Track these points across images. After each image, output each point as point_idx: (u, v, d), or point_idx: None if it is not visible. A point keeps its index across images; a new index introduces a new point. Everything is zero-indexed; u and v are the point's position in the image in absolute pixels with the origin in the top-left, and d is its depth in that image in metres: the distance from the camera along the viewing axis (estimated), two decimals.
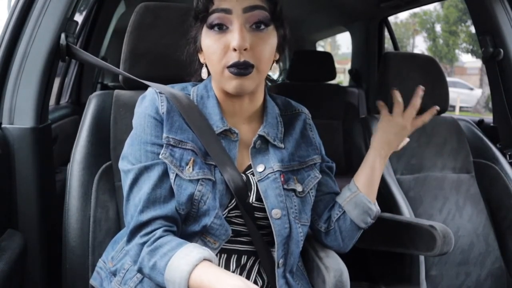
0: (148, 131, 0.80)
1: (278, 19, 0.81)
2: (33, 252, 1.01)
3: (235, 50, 0.75)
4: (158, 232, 0.75)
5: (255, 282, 0.85)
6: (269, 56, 0.80)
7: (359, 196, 0.91)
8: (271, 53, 0.80)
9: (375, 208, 0.92)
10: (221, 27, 0.77)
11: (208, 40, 0.78)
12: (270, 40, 0.79)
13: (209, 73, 0.86)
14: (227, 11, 0.76)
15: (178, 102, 0.81)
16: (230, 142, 0.83)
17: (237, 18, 0.76)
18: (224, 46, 0.76)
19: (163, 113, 0.81)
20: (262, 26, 0.78)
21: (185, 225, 0.80)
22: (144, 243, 0.75)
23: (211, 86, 0.86)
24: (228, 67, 0.76)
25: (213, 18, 0.77)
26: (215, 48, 0.77)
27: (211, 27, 0.77)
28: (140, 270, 0.76)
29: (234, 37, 0.75)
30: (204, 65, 0.85)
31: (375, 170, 0.93)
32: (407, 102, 1.51)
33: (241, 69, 0.76)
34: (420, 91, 0.98)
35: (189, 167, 0.78)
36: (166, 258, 0.71)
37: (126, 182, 0.80)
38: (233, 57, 0.75)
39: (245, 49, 0.75)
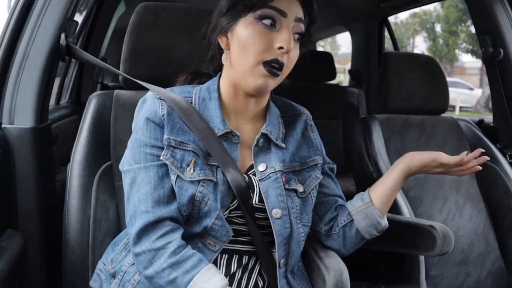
0: (147, 134, 0.80)
1: (307, 38, 0.85)
2: (33, 252, 1.01)
3: (280, 48, 0.77)
4: (175, 239, 0.75)
5: (256, 283, 0.85)
6: (293, 64, 0.83)
7: (371, 208, 0.91)
8: (294, 63, 0.83)
9: (384, 222, 0.92)
10: (273, 24, 0.78)
11: (252, 31, 0.78)
12: (297, 51, 0.83)
13: (219, 69, 0.87)
14: (283, 14, 0.78)
15: (177, 107, 0.81)
16: (231, 144, 0.83)
17: (289, 23, 0.78)
18: (269, 43, 0.77)
19: (163, 115, 0.81)
20: (299, 38, 0.81)
21: (186, 226, 0.80)
22: (159, 249, 0.75)
23: (214, 88, 0.86)
24: (265, 62, 0.78)
25: (268, 12, 0.77)
26: (258, 41, 0.77)
27: (261, 19, 0.77)
28: (151, 278, 0.75)
29: (284, 37, 0.77)
30: (225, 52, 0.84)
31: (397, 188, 0.92)
32: (406, 102, 1.51)
33: (276, 69, 0.78)
34: (479, 153, 0.87)
35: (190, 168, 0.78)
36: (189, 276, 0.73)
37: (125, 182, 0.81)
38: (274, 54, 0.78)
39: (287, 52, 0.78)
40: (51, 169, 1.14)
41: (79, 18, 2.12)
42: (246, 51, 0.78)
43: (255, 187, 0.83)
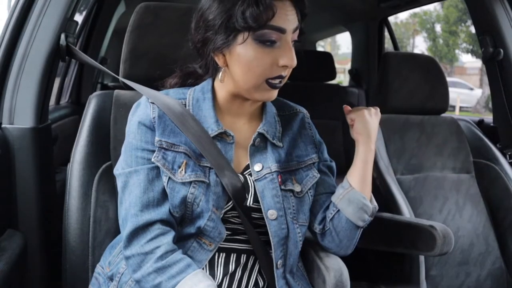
0: (138, 137, 0.81)
1: (301, 36, 0.84)
2: (33, 252, 1.01)
3: (284, 66, 0.77)
4: (164, 244, 0.76)
5: (256, 282, 0.85)
6: None
7: (352, 192, 0.89)
8: None
9: (371, 204, 0.90)
10: (274, 42, 0.77)
11: (254, 53, 0.76)
12: None
13: (212, 76, 0.86)
14: (283, 31, 0.76)
15: (170, 112, 0.81)
16: (226, 145, 0.83)
17: (288, 37, 0.78)
18: (272, 61, 0.77)
19: (154, 117, 0.81)
20: (295, 41, 0.81)
21: (181, 227, 0.81)
22: (147, 253, 0.75)
23: (208, 89, 0.86)
24: (271, 79, 0.78)
25: (269, 34, 0.75)
26: (262, 62, 0.77)
27: (263, 42, 0.76)
28: (139, 282, 0.76)
29: (288, 55, 0.77)
30: (223, 69, 0.82)
31: (367, 164, 0.91)
32: (406, 102, 1.51)
33: (280, 82, 0.80)
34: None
35: (182, 170, 0.79)
36: (173, 282, 0.73)
37: (118, 186, 0.82)
38: (278, 71, 0.78)
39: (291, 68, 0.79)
40: (51, 169, 1.14)
41: (79, 18, 2.12)
42: (250, 72, 0.78)
43: (250, 188, 0.83)
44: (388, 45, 3.02)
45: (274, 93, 0.82)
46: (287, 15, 0.76)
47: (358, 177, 0.90)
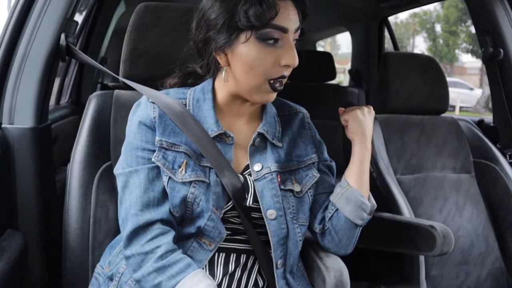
0: (139, 137, 0.81)
1: (302, 36, 0.84)
2: (33, 252, 1.02)
3: (286, 66, 0.78)
4: (164, 244, 0.76)
5: (256, 282, 0.85)
6: None
7: (350, 190, 0.89)
8: None
9: (370, 202, 0.90)
10: (276, 41, 0.77)
11: (257, 52, 0.77)
12: None
13: (213, 76, 0.86)
14: (285, 30, 0.77)
15: (170, 111, 0.81)
16: (225, 145, 0.83)
17: (290, 36, 0.78)
18: (274, 61, 0.77)
19: (154, 117, 0.81)
20: (296, 40, 0.81)
21: (181, 226, 0.81)
22: (148, 253, 0.75)
23: (208, 89, 0.86)
24: (272, 79, 0.79)
25: (270, 32, 0.76)
26: (264, 61, 0.77)
27: (265, 39, 0.76)
28: (139, 282, 0.77)
29: (290, 54, 0.77)
30: (225, 68, 0.82)
31: (364, 162, 0.91)
32: (406, 102, 1.51)
33: (281, 85, 0.81)
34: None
35: (182, 169, 0.79)
36: (173, 282, 0.73)
37: (118, 186, 0.82)
38: (280, 71, 0.79)
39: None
40: (51, 169, 1.14)
41: (79, 18, 2.12)
42: (252, 71, 0.78)
43: (250, 188, 0.83)
44: (388, 45, 3.02)
45: (274, 96, 0.83)
46: (289, 14, 0.77)
47: (356, 176, 0.90)
